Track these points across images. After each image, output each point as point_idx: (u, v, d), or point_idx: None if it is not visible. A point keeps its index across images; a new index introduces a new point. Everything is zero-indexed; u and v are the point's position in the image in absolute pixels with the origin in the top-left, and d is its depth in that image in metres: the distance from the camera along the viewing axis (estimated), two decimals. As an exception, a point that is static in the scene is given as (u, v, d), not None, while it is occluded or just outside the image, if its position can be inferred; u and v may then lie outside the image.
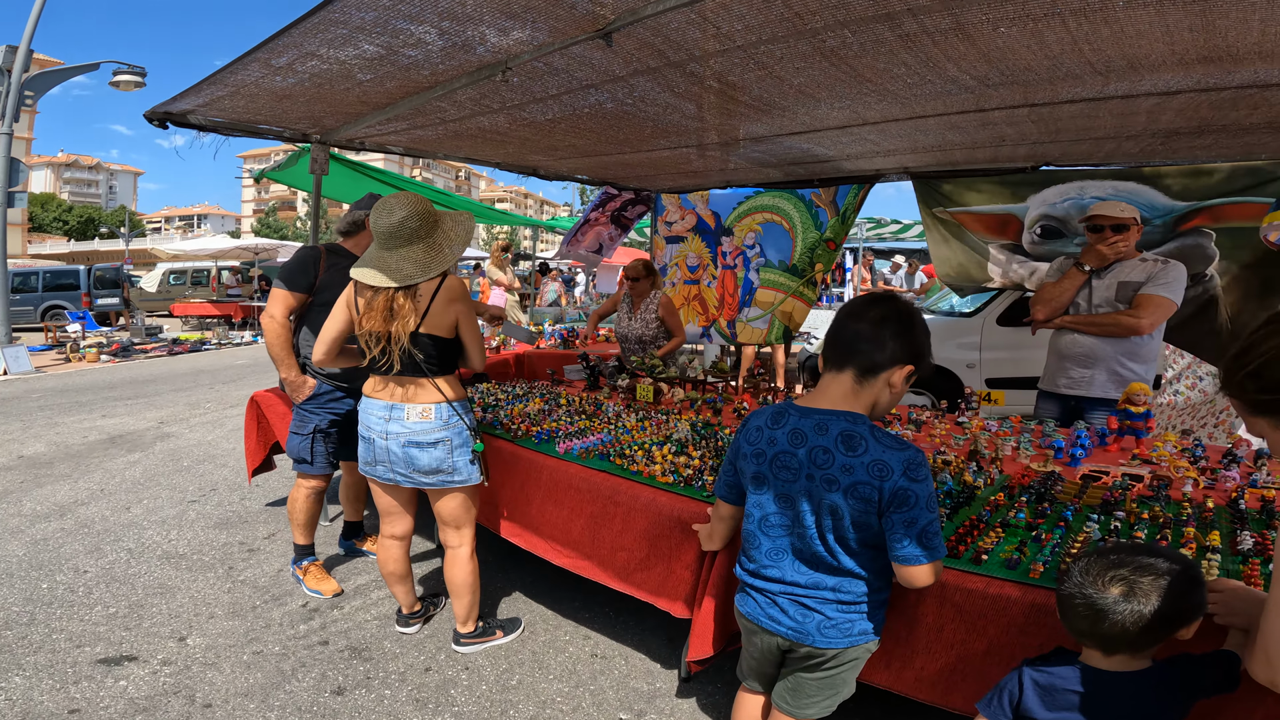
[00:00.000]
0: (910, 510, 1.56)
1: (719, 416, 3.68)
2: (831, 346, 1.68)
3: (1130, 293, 3.34)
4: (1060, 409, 3.65)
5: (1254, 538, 1.91)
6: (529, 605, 3.46)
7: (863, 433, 1.62)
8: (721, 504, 1.98)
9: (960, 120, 3.25)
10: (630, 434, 3.26)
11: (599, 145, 4.10)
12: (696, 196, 6.33)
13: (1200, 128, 3.26)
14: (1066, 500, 2.33)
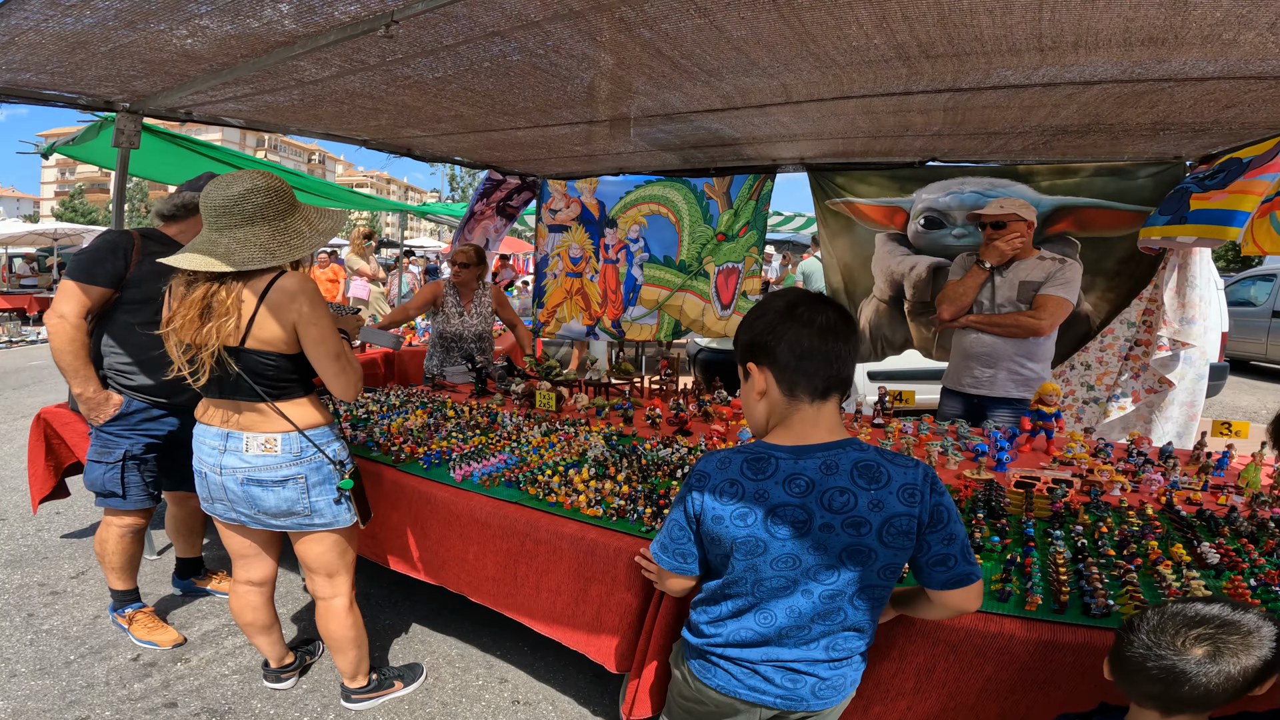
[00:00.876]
0: (948, 525, 1.35)
1: (631, 425, 3.32)
2: (809, 373, 1.36)
3: (1031, 292, 3.35)
4: (965, 407, 3.65)
5: (1217, 550, 1.83)
6: (429, 644, 2.96)
7: (876, 459, 1.35)
8: (675, 578, 1.54)
9: (880, 104, 3.09)
10: (539, 454, 2.81)
11: (490, 116, 3.57)
12: (584, 184, 5.89)
13: (1089, 126, 3.35)
14: (1017, 513, 2.21)
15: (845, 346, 1.36)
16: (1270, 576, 1.68)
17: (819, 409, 1.38)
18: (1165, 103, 2.88)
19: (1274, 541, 1.88)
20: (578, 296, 6.17)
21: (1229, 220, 3.14)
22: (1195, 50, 2.24)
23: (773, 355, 1.37)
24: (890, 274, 4.77)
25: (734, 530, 1.37)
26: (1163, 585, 1.67)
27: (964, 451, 2.94)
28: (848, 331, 1.36)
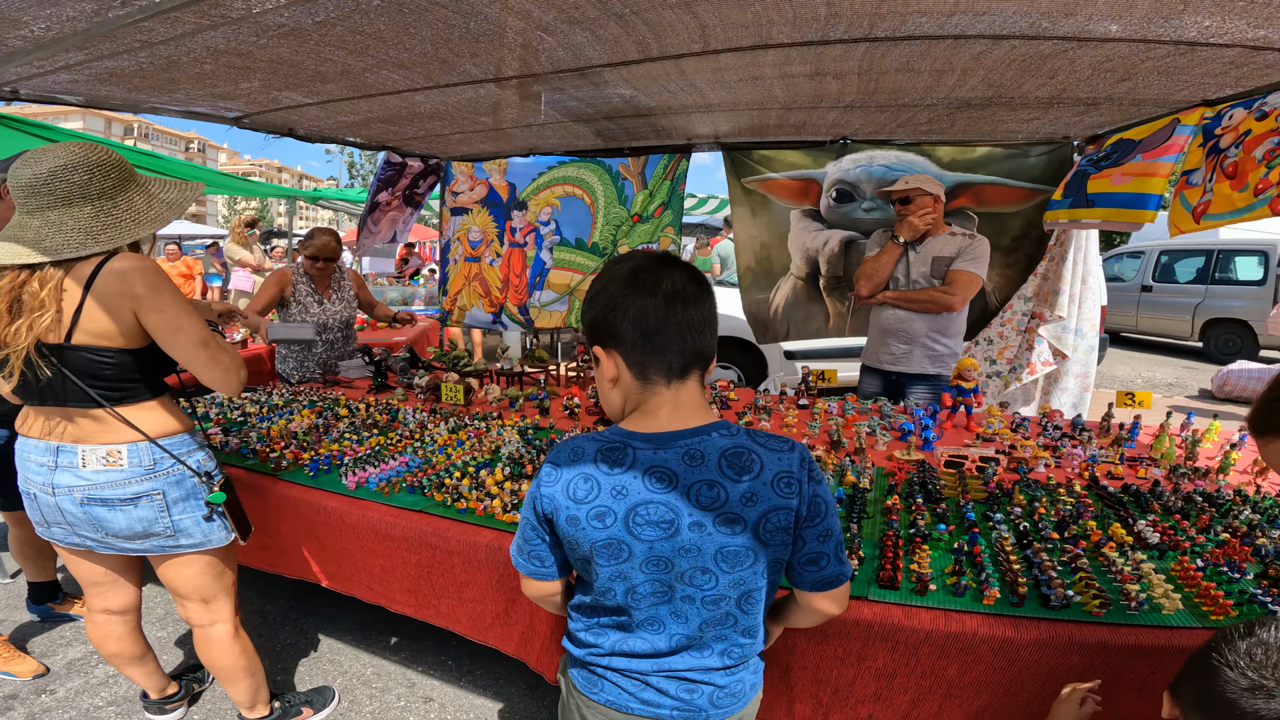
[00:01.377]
0: (825, 519, 1.20)
1: (548, 417, 3.07)
2: (660, 350, 1.16)
3: (944, 268, 3.39)
4: (883, 384, 3.65)
5: (1155, 528, 1.78)
6: (340, 664, 2.63)
7: (746, 444, 1.17)
8: (534, 582, 1.31)
9: (797, 62, 2.95)
10: (446, 454, 2.52)
11: (382, 70, 3.14)
12: (493, 165, 5.54)
13: (990, 99, 3.37)
14: (953, 495, 2.12)
15: (699, 313, 1.16)
16: (1215, 556, 1.64)
17: (677, 390, 1.18)
18: (1065, 71, 2.89)
19: (1207, 518, 1.85)
20: (475, 283, 5.83)
21: (1141, 203, 3.21)
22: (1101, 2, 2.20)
23: (617, 334, 1.16)
24: (805, 250, 4.76)
25: (592, 533, 1.16)
26: (1113, 570, 1.60)
27: (890, 431, 2.88)
28: (700, 295, 1.16)
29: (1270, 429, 1.03)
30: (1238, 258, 11.07)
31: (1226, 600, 1.41)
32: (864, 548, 1.75)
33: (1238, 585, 1.52)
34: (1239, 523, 1.84)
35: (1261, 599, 1.42)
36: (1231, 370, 8.19)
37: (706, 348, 1.18)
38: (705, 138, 4.61)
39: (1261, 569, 1.61)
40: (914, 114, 3.74)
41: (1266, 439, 1.04)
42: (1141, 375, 9.75)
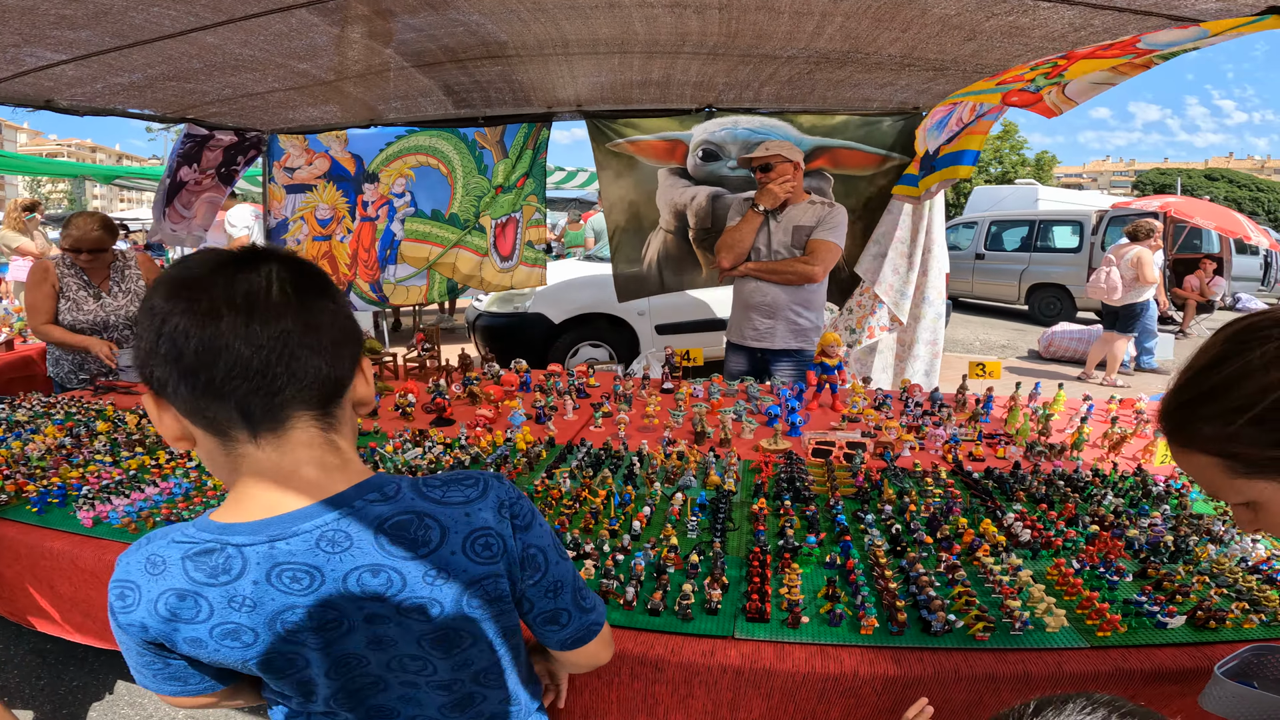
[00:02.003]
0: (548, 571, 0.94)
1: (375, 419, 2.61)
2: (216, 390, 0.75)
3: (804, 237, 3.27)
4: (749, 361, 3.51)
5: (1024, 523, 1.65)
6: (143, 708, 2.27)
7: (414, 507, 0.84)
8: (197, 699, 0.94)
9: (658, 27, 2.65)
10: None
11: (151, 9, 2.49)
12: (331, 137, 4.89)
13: (847, 54, 3.29)
14: (822, 492, 1.93)
15: (290, 325, 0.76)
16: (1089, 554, 1.52)
17: (278, 447, 0.80)
18: (916, 24, 2.80)
19: (1073, 507, 1.76)
20: (323, 261, 5.20)
21: (960, 160, 3.30)
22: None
23: (155, 377, 0.77)
24: (673, 205, 4.67)
25: (233, 653, 0.82)
26: (991, 579, 1.43)
27: (756, 415, 2.68)
28: (296, 301, 0.78)
29: (1182, 440, 0.84)
30: (1056, 227, 12.15)
31: (1114, 615, 1.27)
32: (729, 571, 1.49)
33: (1118, 593, 1.39)
34: (1104, 510, 1.75)
35: (1149, 609, 1.30)
36: (1055, 332, 8.95)
37: (318, 376, 0.79)
38: (567, 104, 4.32)
39: (1139, 567, 1.51)
40: (776, 69, 3.63)
41: (1180, 450, 0.85)
42: (979, 338, 10.50)
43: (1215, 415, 0.78)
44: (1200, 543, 1.57)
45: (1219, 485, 0.82)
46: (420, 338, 3.31)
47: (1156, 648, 1.24)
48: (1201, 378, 0.81)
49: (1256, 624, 1.27)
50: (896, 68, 3.39)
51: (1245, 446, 0.77)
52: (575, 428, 2.58)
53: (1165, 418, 0.86)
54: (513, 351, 5.33)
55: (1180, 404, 0.83)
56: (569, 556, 1.00)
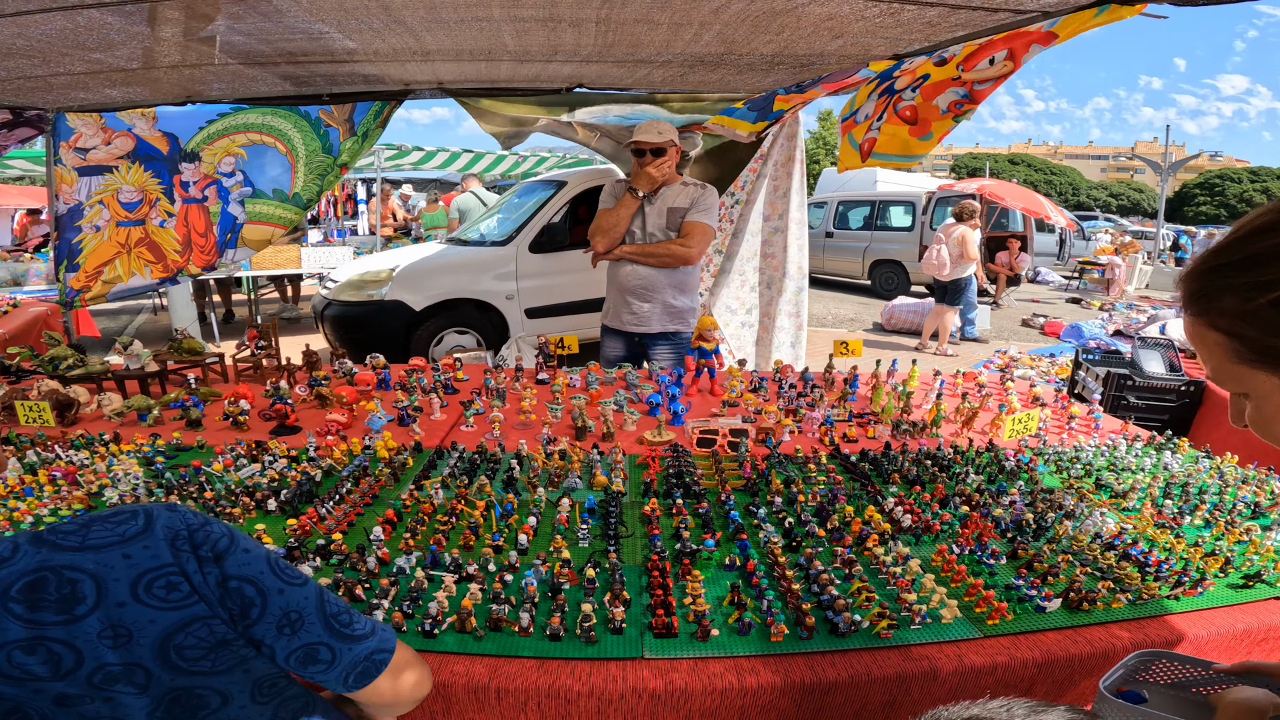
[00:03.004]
0: (268, 603, 0.80)
1: (199, 430, 2.25)
2: None
3: (678, 219, 3.24)
4: (626, 346, 3.44)
5: (904, 508, 1.69)
6: None
7: (51, 560, 0.70)
8: None
9: (527, 13, 2.48)
10: (5, 509, 1.63)
11: None
12: (135, 115, 4.19)
13: (722, 56, 3.26)
14: (712, 486, 1.89)
15: None
16: (966, 538, 1.58)
17: None
18: (791, 27, 2.82)
19: (942, 488, 1.83)
20: (141, 248, 4.52)
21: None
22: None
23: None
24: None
25: None
26: (884, 570, 1.45)
27: (638, 405, 2.61)
28: None
29: (1200, 308, 0.77)
30: (893, 207, 13.17)
31: (1000, 603, 1.32)
32: (629, 586, 1.39)
33: (998, 577, 1.46)
34: (969, 488, 1.85)
35: (1028, 593, 1.36)
36: (894, 305, 9.71)
37: None
38: (425, 84, 3.97)
39: (1009, 547, 1.59)
40: (650, 71, 3.58)
41: (1194, 319, 0.78)
42: (831, 312, 11.19)
43: (1241, 287, 0.71)
44: (1056, 518, 1.68)
45: (1222, 368, 0.76)
46: (253, 334, 2.90)
47: (1041, 633, 1.30)
48: (1242, 243, 0.72)
49: (1124, 603, 1.37)
50: (767, 67, 3.42)
51: (1259, 329, 0.70)
52: (444, 429, 2.37)
53: (1190, 279, 0.78)
54: (368, 344, 4.91)
55: (1210, 268, 0.75)
56: (304, 580, 0.86)
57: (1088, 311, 11.54)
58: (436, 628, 1.28)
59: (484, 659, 1.23)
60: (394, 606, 1.33)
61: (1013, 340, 9.01)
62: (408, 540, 1.56)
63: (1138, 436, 2.38)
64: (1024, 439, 2.34)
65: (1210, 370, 0.79)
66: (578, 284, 6.08)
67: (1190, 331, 0.79)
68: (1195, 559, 1.53)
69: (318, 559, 1.51)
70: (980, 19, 2.41)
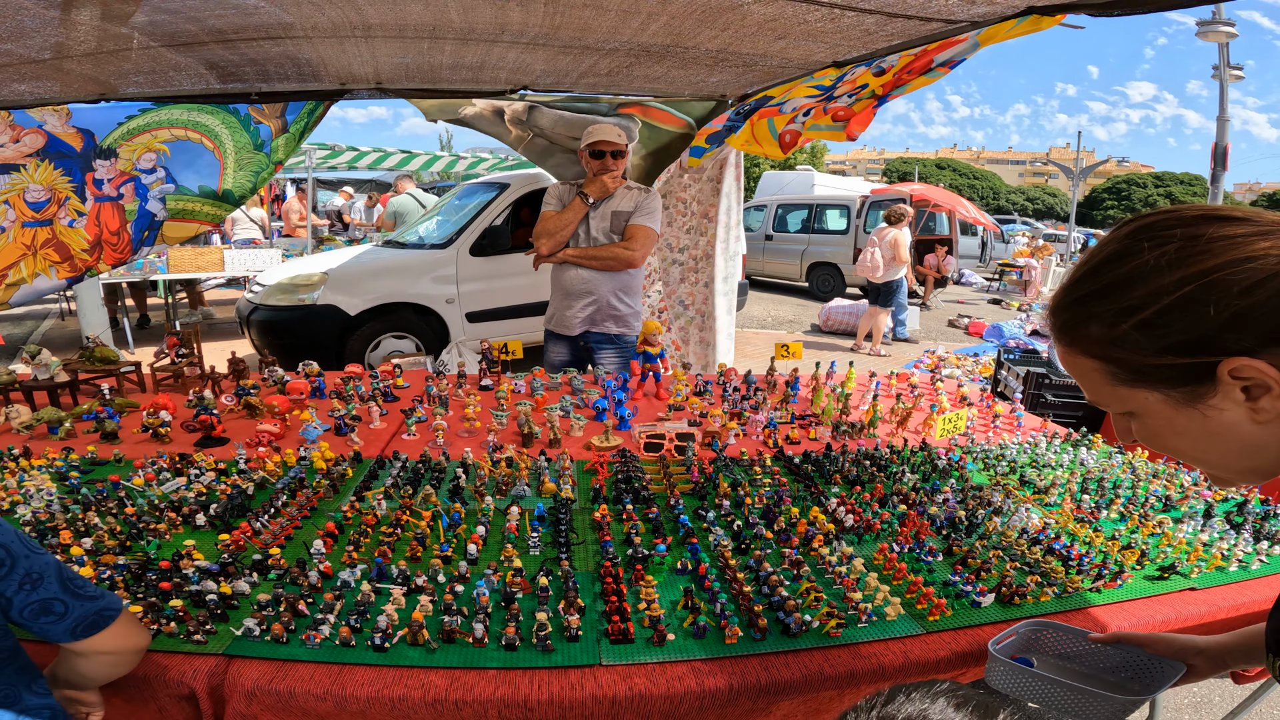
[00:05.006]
0: (15, 567, 1.00)
1: (114, 443, 2.12)
2: None
3: (622, 223, 3.26)
4: (570, 350, 3.44)
5: (845, 508, 1.76)
6: None
7: None
8: None
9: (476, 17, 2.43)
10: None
11: None
12: (47, 112, 3.93)
13: (667, 48, 3.28)
14: (660, 490, 1.91)
15: None
16: (905, 536, 1.65)
17: None
18: (736, 24, 2.88)
19: (881, 487, 1.91)
20: (48, 249, 4.24)
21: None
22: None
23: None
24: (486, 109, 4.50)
25: None
26: (830, 570, 1.50)
27: (584, 410, 2.61)
28: None
29: (1069, 339, 0.80)
30: (829, 211, 13.56)
31: (940, 599, 1.39)
32: (582, 593, 1.39)
33: (937, 575, 1.53)
34: (905, 487, 1.93)
35: (964, 589, 1.43)
36: (831, 307, 10.02)
37: None
38: (364, 81, 3.81)
39: (944, 544, 1.67)
40: (596, 60, 3.52)
41: (1066, 350, 0.82)
42: (771, 313, 11.44)
43: (1104, 315, 0.74)
44: (986, 515, 1.78)
45: (1101, 392, 0.79)
46: (173, 341, 2.75)
47: (978, 627, 1.37)
48: (1096, 274, 0.75)
49: (1051, 596, 1.46)
50: (711, 63, 3.45)
51: (1130, 351, 0.73)
52: (385, 438, 2.31)
53: (1055, 313, 0.81)
54: (298, 350, 4.73)
55: (1072, 300, 0.78)
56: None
57: (1007, 312, 12.18)
58: (387, 641, 1.26)
59: (441, 671, 1.21)
60: (340, 621, 1.30)
61: (940, 340, 9.42)
62: (351, 553, 1.52)
63: (1055, 433, 2.53)
64: (954, 438, 2.46)
65: (1091, 395, 0.82)
66: (520, 288, 6.02)
67: (1066, 361, 0.82)
68: (1113, 552, 1.63)
69: (254, 574, 1.45)
70: (915, 28, 2.51)
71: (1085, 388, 0.81)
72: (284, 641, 1.27)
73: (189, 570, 1.42)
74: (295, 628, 1.29)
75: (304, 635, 1.26)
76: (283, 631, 1.27)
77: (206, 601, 1.32)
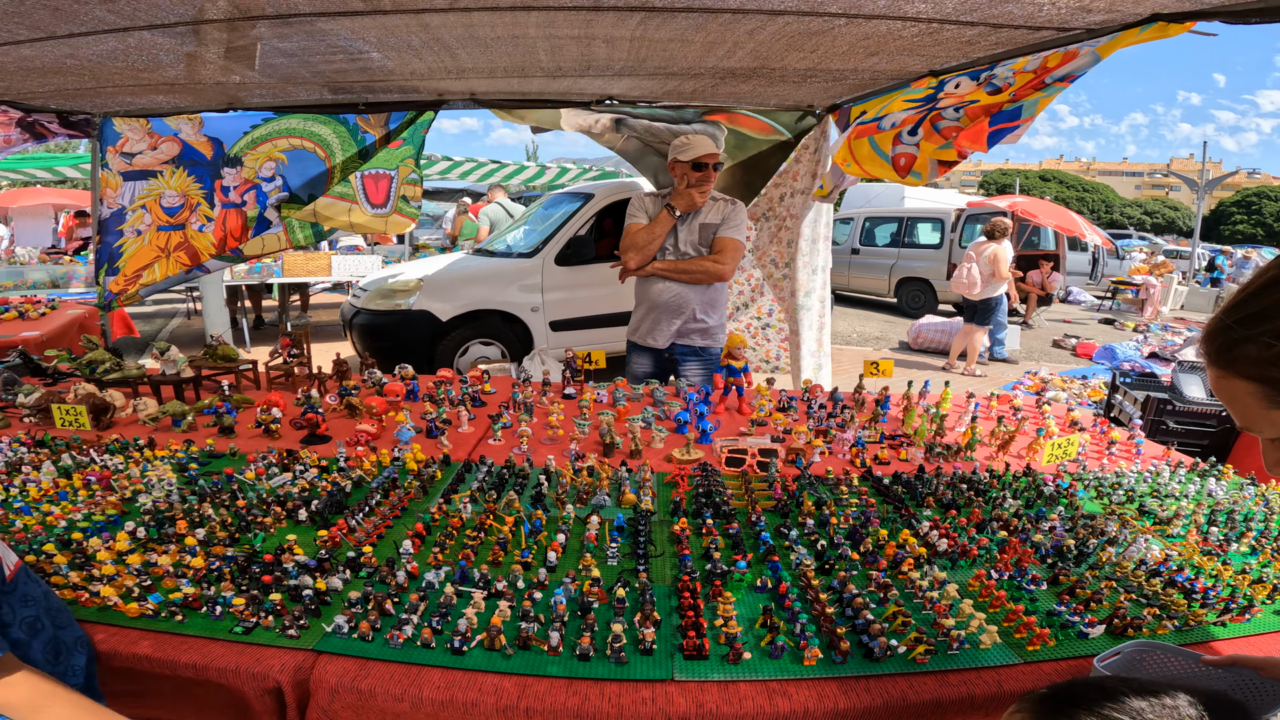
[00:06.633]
0: None
1: (231, 437, 2.28)
2: None
3: (710, 235, 3.23)
4: (653, 361, 3.42)
5: (939, 532, 1.67)
6: None
7: None
8: None
9: (564, 24, 2.53)
10: (40, 513, 1.67)
11: None
12: (182, 120, 4.33)
13: (754, 70, 3.27)
14: (742, 506, 1.87)
15: None
16: (1004, 563, 1.55)
17: None
18: (826, 46, 2.83)
19: (979, 512, 1.80)
20: (179, 252, 4.64)
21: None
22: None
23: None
24: (578, 126, 4.77)
25: None
26: (920, 595, 1.42)
27: (665, 422, 2.60)
28: None
29: (1225, 362, 0.80)
30: (920, 224, 13.06)
31: (1042, 629, 1.29)
32: (659, 606, 1.38)
33: (1039, 604, 1.43)
34: (1005, 513, 1.81)
35: (1070, 619, 1.33)
36: (922, 324, 9.61)
37: None
38: (459, 94, 4.03)
39: (1049, 573, 1.56)
40: (681, 82, 3.60)
41: (1219, 373, 0.82)
42: (856, 330, 11.10)
43: (1262, 335, 0.74)
44: (1099, 545, 1.64)
45: (1254, 416, 0.79)
46: (285, 342, 2.94)
47: (1082, 659, 1.26)
48: (1255, 298, 0.77)
49: (1170, 629, 1.33)
50: (799, 80, 3.42)
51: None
52: (471, 442, 2.38)
53: (1210, 337, 0.82)
54: (394, 353, 4.96)
55: (1229, 323, 0.79)
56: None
57: (1121, 333, 11.32)
58: (465, 645, 1.28)
59: (512, 677, 1.23)
60: (423, 622, 1.33)
61: (1043, 361, 8.86)
62: (436, 555, 1.57)
63: (1180, 462, 2.32)
64: (1063, 464, 2.29)
65: (1242, 420, 0.82)
66: (602, 297, 6.11)
67: (1217, 386, 0.82)
68: (1243, 585, 1.50)
69: (348, 571, 1.51)
70: (1022, 36, 2.39)
71: (1237, 413, 0.81)
72: (369, 640, 1.30)
73: (289, 564, 1.49)
74: (380, 626, 1.34)
75: (388, 634, 1.30)
76: (369, 630, 1.31)
77: (302, 597, 1.39)
